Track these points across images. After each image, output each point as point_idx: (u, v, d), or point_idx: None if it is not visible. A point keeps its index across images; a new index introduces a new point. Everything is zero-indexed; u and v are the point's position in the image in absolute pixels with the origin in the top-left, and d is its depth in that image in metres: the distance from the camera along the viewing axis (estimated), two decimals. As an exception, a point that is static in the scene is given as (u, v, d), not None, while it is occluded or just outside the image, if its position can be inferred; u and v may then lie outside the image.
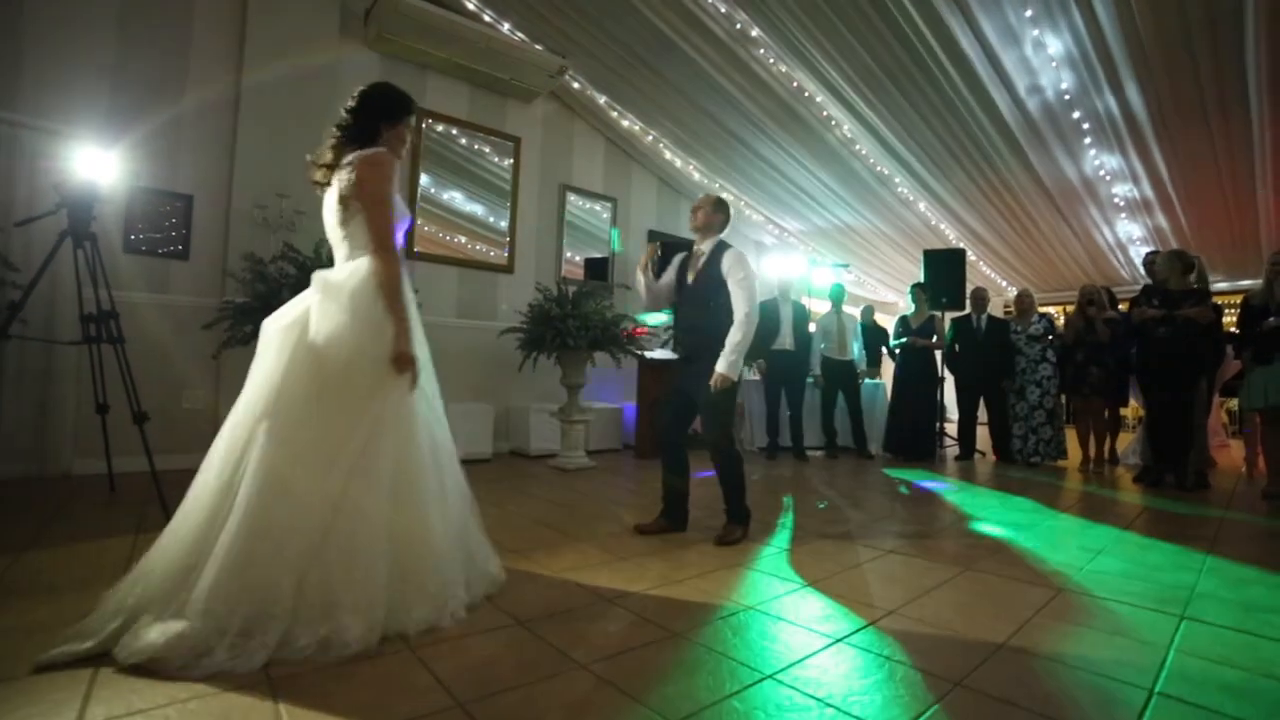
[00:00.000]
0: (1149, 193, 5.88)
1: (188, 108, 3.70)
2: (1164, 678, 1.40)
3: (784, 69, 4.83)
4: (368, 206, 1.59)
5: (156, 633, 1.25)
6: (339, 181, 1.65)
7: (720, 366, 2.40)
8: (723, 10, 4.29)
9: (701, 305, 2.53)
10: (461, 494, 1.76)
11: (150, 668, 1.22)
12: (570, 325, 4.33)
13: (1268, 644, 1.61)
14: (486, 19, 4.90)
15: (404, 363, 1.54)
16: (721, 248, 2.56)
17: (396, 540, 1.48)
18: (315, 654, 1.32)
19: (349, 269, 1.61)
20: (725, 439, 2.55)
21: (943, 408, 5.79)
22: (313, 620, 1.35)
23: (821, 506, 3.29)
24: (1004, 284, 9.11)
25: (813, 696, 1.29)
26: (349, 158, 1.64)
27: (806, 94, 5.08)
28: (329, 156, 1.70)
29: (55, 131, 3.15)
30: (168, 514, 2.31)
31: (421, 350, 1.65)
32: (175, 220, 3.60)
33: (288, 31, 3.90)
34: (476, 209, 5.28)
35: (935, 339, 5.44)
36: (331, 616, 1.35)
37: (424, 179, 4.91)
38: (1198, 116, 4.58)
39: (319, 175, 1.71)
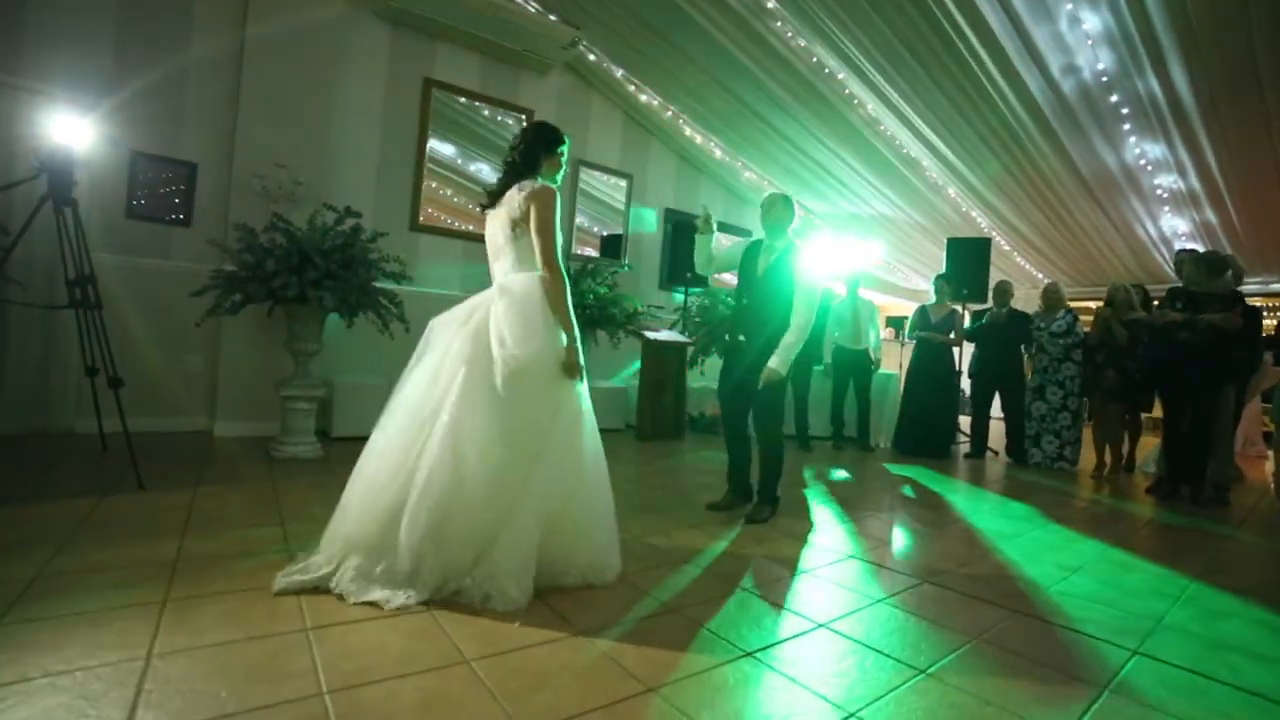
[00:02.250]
0: (1196, 185, 5.43)
1: (191, 74, 3.73)
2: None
3: (803, 43, 4.59)
4: (539, 233, 1.84)
5: (380, 595, 1.58)
6: (509, 205, 1.90)
7: (772, 362, 2.60)
8: (736, -20, 4.09)
9: (770, 297, 2.69)
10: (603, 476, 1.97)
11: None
12: (566, 304, 4.30)
13: (1218, 689, 1.49)
14: (497, -14, 4.79)
15: (574, 370, 1.82)
16: (795, 248, 2.74)
17: (565, 517, 1.76)
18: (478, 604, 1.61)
19: (525, 281, 1.85)
20: (776, 428, 2.77)
21: (961, 403, 5.58)
22: (479, 578, 1.64)
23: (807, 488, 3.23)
24: (1040, 276, 8.64)
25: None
26: (521, 187, 1.91)
27: (827, 70, 4.83)
28: (499, 184, 1.98)
29: (57, 96, 3.19)
30: (140, 479, 2.45)
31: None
32: (179, 187, 3.68)
33: (291, -1, 3.89)
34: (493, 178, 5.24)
35: (953, 334, 5.20)
36: (495, 578, 1.63)
37: (450, 149, 4.90)
38: (1253, 102, 4.16)
39: (487, 199, 2.00)
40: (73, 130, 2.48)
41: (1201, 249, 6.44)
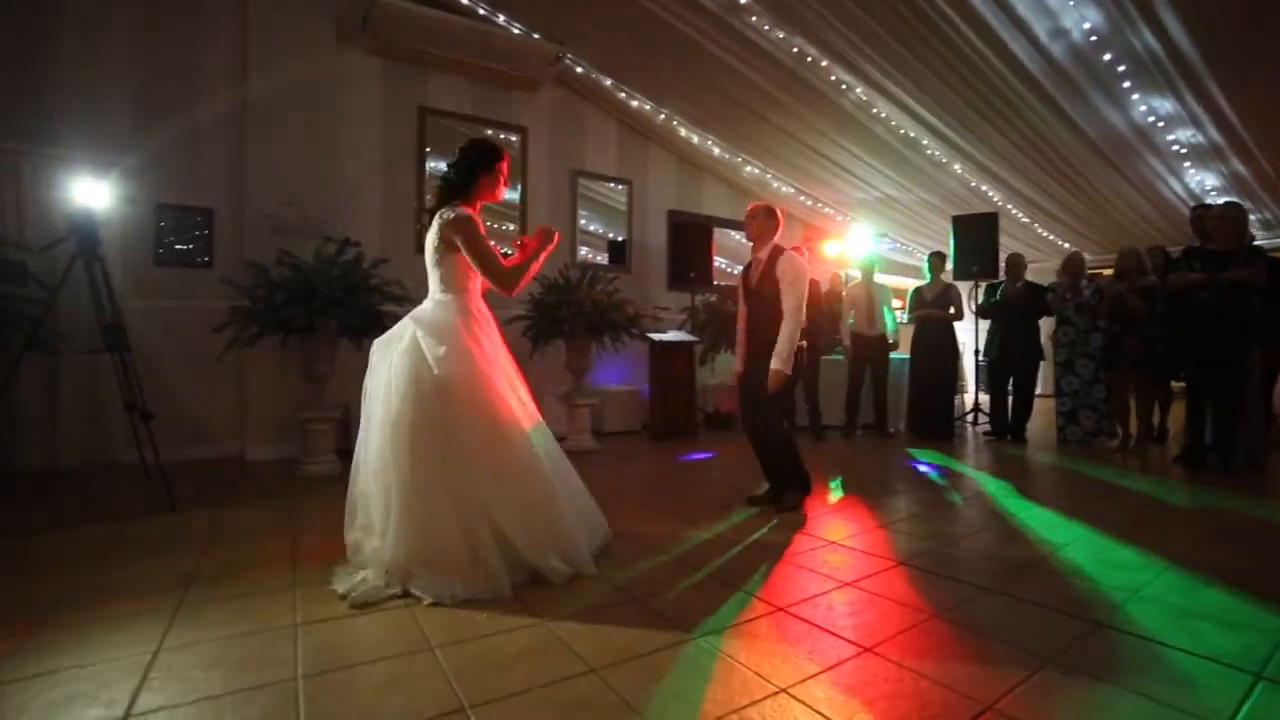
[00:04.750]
0: (1216, 138, 5.16)
1: (202, 126, 4.06)
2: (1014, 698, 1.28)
3: (781, 35, 4.61)
4: (476, 260, 1.96)
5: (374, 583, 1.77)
6: (434, 228, 2.00)
7: (774, 363, 2.67)
8: (705, -20, 4.15)
9: (761, 306, 2.80)
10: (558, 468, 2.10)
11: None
12: (565, 312, 4.44)
13: (1173, 655, 1.48)
14: (481, 12, 4.99)
15: (547, 236, 2.09)
16: (777, 252, 2.81)
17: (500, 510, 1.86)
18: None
19: (431, 311, 1.99)
20: (777, 428, 2.84)
21: (965, 381, 5.48)
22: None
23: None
24: (1066, 246, 8.32)
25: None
26: (443, 214, 1.98)
27: (810, 59, 4.82)
28: (433, 203, 2.08)
29: (83, 160, 3.52)
30: (173, 501, 2.71)
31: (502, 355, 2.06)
32: (199, 232, 4.01)
33: (286, 45, 4.16)
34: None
35: (952, 310, 5.12)
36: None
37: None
38: (1260, 53, 3.95)
39: (427, 217, 2.08)
40: (94, 192, 2.77)
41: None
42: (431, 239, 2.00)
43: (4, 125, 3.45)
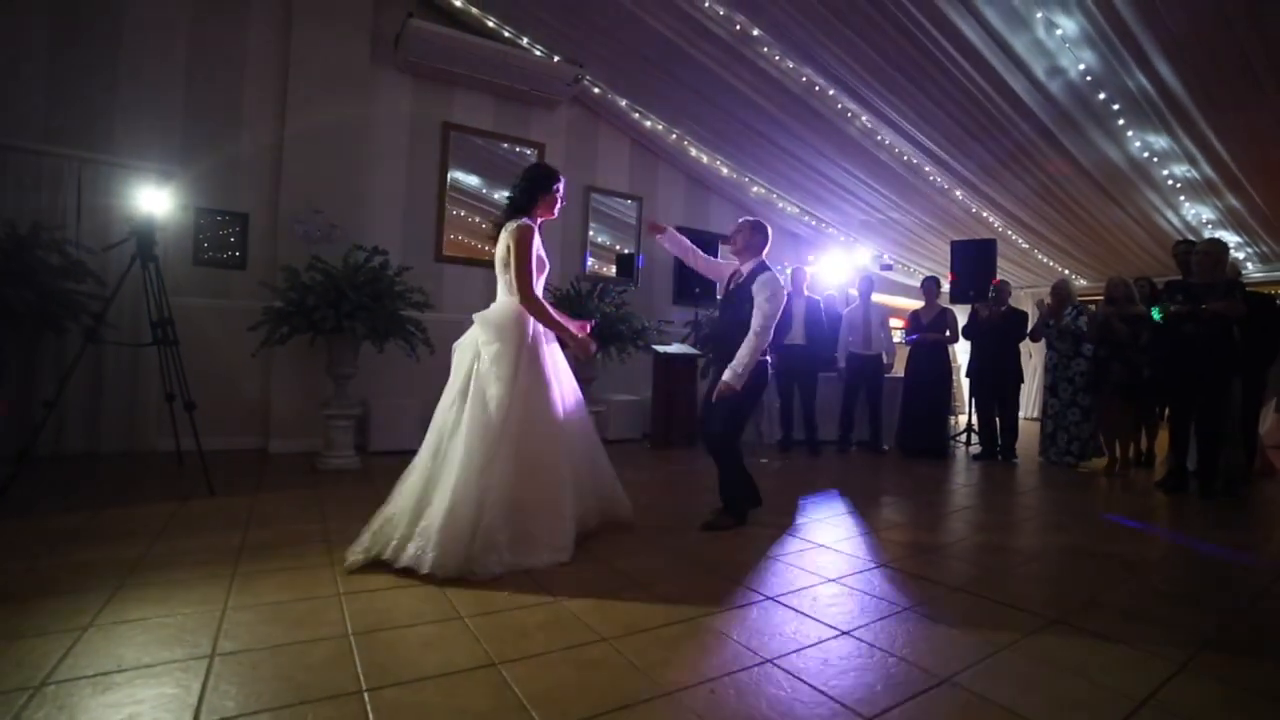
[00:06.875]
0: (1210, 173, 5.36)
1: (242, 135, 4.32)
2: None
3: (791, 65, 4.86)
4: (515, 268, 2.27)
5: (412, 550, 1.97)
6: (501, 240, 2.32)
7: (725, 375, 2.68)
8: (721, 13, 4.40)
9: (732, 317, 2.81)
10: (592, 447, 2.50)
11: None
12: (575, 322, 4.66)
13: (1116, 648, 1.66)
14: (506, 34, 5.27)
15: (582, 346, 2.41)
16: (759, 269, 2.79)
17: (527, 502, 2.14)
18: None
19: (499, 309, 2.30)
20: (725, 439, 2.81)
21: (961, 403, 5.67)
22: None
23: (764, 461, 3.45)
24: (1066, 273, 8.52)
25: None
26: (508, 226, 2.31)
27: (817, 89, 5.07)
28: (501, 217, 2.41)
29: (140, 168, 3.83)
30: (211, 486, 2.93)
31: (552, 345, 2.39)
32: (234, 236, 4.26)
33: (323, 61, 4.42)
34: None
35: (949, 333, 5.33)
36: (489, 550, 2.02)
37: (474, 180, 5.46)
38: (1251, 92, 4.16)
39: (492, 230, 2.42)
40: (154, 198, 3.01)
41: (1229, 236, 6.34)
42: (500, 248, 2.31)
43: (69, 135, 3.73)
